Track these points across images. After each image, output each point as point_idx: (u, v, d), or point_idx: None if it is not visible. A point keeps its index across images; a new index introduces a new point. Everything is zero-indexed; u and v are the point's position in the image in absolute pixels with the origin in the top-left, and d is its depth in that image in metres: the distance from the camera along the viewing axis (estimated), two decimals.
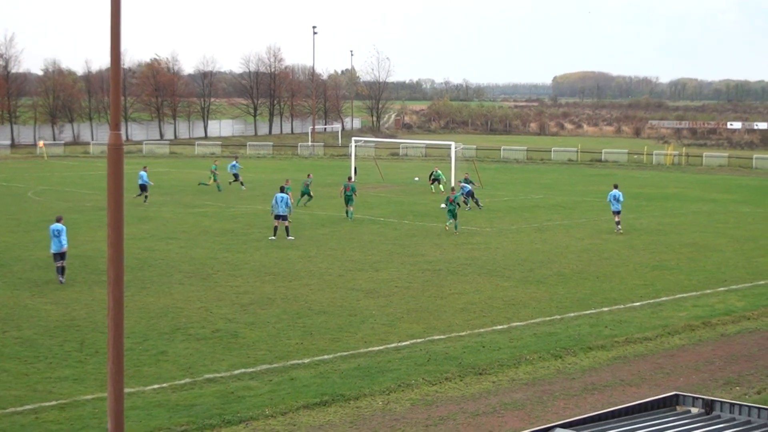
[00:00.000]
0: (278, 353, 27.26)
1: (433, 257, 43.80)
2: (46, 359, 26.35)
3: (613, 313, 33.22)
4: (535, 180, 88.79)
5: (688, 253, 46.12)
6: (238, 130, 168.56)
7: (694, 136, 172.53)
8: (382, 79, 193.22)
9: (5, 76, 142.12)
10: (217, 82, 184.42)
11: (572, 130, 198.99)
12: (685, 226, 55.93)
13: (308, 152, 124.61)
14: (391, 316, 32.10)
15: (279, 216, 48.51)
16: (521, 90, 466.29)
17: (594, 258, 44.31)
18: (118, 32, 16.84)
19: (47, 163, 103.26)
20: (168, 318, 31.33)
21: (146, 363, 26.06)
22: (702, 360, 27.54)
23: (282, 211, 48.38)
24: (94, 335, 28.76)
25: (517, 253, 45.46)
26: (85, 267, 40.06)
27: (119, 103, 17.06)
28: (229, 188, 73.67)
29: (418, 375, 25.29)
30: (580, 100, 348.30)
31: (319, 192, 67.62)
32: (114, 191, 16.57)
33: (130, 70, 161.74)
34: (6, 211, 59.23)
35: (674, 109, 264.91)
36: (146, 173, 66.08)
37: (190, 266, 40.71)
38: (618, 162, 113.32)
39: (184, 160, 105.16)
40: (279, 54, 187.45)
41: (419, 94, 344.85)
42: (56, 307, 32.70)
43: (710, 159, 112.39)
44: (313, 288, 36.43)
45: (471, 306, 33.75)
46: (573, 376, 25.68)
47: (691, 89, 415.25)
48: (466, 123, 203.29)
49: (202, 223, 54.35)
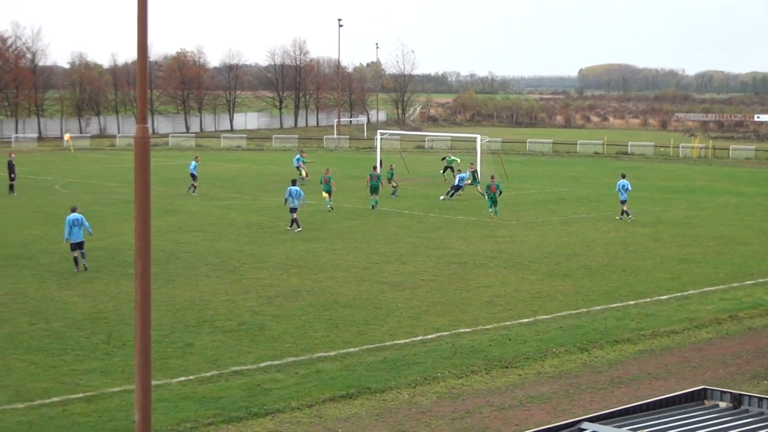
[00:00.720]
0: (304, 346, 27.30)
1: (459, 250, 43.76)
2: (73, 351, 26.47)
3: (640, 306, 33.12)
4: (560, 173, 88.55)
5: (715, 246, 45.94)
6: (263, 123, 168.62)
7: (720, 129, 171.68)
8: (408, 72, 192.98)
9: (32, 70, 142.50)
10: (243, 75, 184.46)
11: (598, 122, 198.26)
12: (712, 219, 55.71)
13: (334, 145, 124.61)
14: (417, 309, 32.10)
15: (294, 209, 49.02)
16: (547, 82, 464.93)
17: (620, 251, 44.19)
18: (145, 25, 16.87)
19: (74, 156, 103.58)
20: (194, 310, 31.41)
21: (173, 355, 26.14)
22: (729, 353, 27.44)
23: (296, 204, 48.95)
24: (121, 328, 28.85)
25: (543, 246, 45.37)
26: (112, 259, 40.20)
27: (146, 96, 17.09)
28: (251, 182, 73.79)
29: (444, 368, 25.29)
30: (606, 93, 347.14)
31: (344, 185, 67.60)
32: (141, 184, 16.61)
33: (156, 63, 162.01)
34: (33, 203, 59.47)
35: (701, 101, 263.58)
36: (197, 163, 66.48)
37: (217, 259, 40.79)
38: (644, 155, 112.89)
39: (210, 152, 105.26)
40: (304, 47, 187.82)
41: (445, 86, 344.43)
42: (84, 299, 32.83)
43: (737, 152, 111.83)
44: (339, 281, 36.45)
45: (497, 299, 33.72)
46: (599, 370, 25.64)
47: (717, 82, 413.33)
48: (492, 116, 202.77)
49: (227, 215, 54.44)
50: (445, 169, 78.08)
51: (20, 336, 28.04)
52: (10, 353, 26.25)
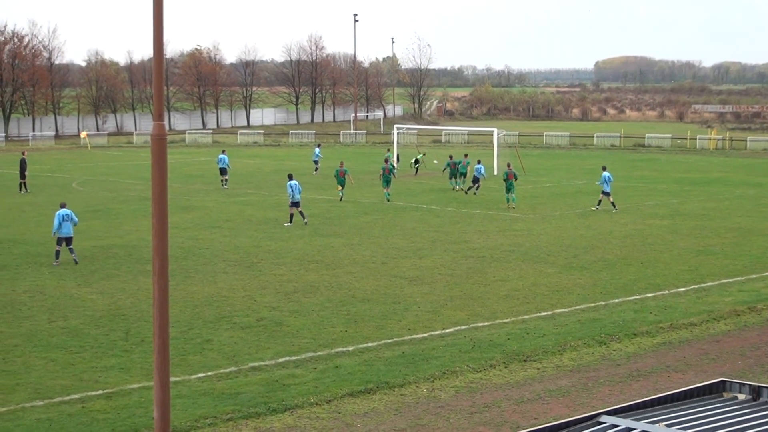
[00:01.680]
0: (323, 341, 27.32)
1: (476, 244, 43.75)
2: (92, 348, 26.54)
3: (658, 298, 33.06)
4: (578, 166, 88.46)
5: (732, 238, 45.83)
6: (280, 119, 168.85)
7: (737, 120, 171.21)
8: (424, 66, 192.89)
9: (49, 68, 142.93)
10: (259, 71, 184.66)
11: (615, 115, 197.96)
12: (729, 211, 55.57)
13: (351, 140, 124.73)
14: (435, 303, 32.10)
15: (294, 203, 49.37)
16: (563, 75, 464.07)
17: (638, 243, 44.11)
18: (161, 22, 16.89)
19: (91, 154, 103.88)
20: (213, 307, 31.47)
21: (191, 352, 26.19)
22: (748, 345, 27.37)
23: (297, 198, 49.33)
24: (140, 324, 28.92)
25: (560, 239, 45.33)
26: (129, 257, 40.29)
27: (162, 93, 17.12)
28: (268, 178, 73.93)
29: (462, 362, 25.28)
30: (622, 85, 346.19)
31: (361, 180, 67.64)
32: (158, 181, 16.64)
33: (172, 60, 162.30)
34: (51, 201, 59.50)
35: (718, 93, 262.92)
36: (227, 157, 66.79)
37: (234, 255, 40.85)
38: (661, 147, 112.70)
39: (227, 149, 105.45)
40: (320, 42, 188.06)
41: (461, 80, 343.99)
42: (102, 296, 32.92)
43: (755, 143, 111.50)
44: (356, 276, 36.48)
45: (515, 293, 33.70)
46: (618, 363, 25.60)
47: (734, 73, 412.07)
48: (508, 109, 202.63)
49: (245, 211, 54.52)
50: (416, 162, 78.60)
51: (39, 333, 28.13)
52: (30, 351, 26.34)
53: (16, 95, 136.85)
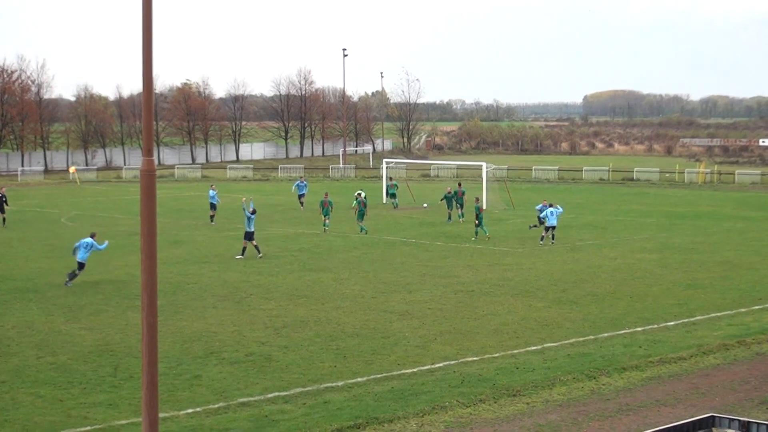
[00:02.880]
0: (312, 376, 27.26)
1: (465, 278, 43.75)
2: (80, 384, 26.44)
3: (647, 332, 33.07)
4: (566, 199, 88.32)
5: (721, 272, 45.90)
6: (269, 153, 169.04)
7: (726, 154, 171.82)
8: (413, 101, 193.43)
9: (37, 102, 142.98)
10: (248, 106, 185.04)
11: (603, 149, 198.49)
12: (718, 245, 55.67)
13: (340, 174, 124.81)
14: (425, 337, 32.07)
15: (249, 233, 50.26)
16: (552, 109, 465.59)
17: (627, 277, 44.16)
18: (150, 57, 16.95)
19: (80, 189, 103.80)
20: (202, 342, 31.40)
21: (180, 387, 26.12)
22: (737, 379, 27.37)
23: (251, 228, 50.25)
24: (129, 360, 28.84)
25: (549, 273, 45.35)
26: (118, 292, 40.21)
27: (152, 129, 17.16)
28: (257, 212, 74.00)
29: (451, 397, 25.24)
30: (610, 119, 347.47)
31: (350, 215, 67.61)
32: (147, 217, 16.66)
33: (161, 95, 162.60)
34: (39, 236, 59.55)
35: (706, 126, 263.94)
36: (215, 192, 66.59)
37: (223, 290, 40.80)
38: (650, 180, 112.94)
39: (217, 183, 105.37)
40: (309, 76, 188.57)
41: (450, 114, 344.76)
42: (90, 332, 32.83)
43: (743, 176, 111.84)
44: (345, 310, 36.44)
45: (504, 327, 33.68)
46: (607, 397, 25.58)
47: (722, 107, 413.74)
48: (497, 143, 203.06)
49: (234, 246, 54.40)
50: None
51: (27, 369, 28.04)
52: (17, 387, 26.24)
53: (5, 130, 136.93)
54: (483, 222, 57.83)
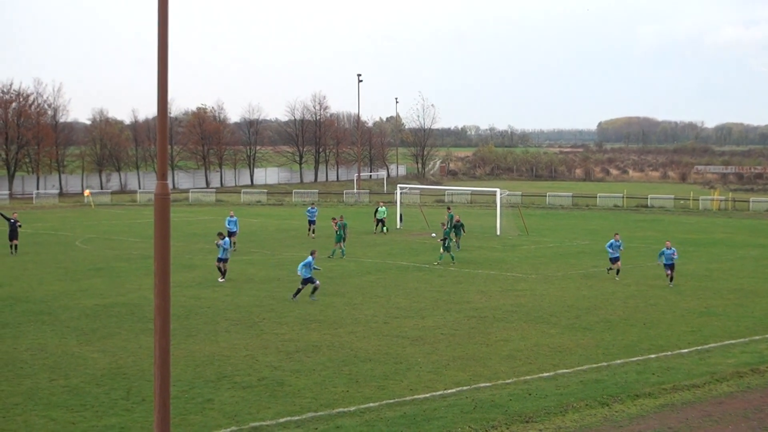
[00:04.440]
0: (324, 401, 27.22)
1: (478, 304, 43.70)
2: (92, 408, 26.44)
3: (661, 360, 32.97)
4: (580, 226, 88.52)
5: (735, 299, 45.79)
6: (283, 178, 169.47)
7: (740, 181, 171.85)
8: (427, 126, 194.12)
9: (53, 126, 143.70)
10: (263, 130, 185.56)
11: (618, 175, 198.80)
12: (732, 272, 55.56)
13: (354, 200, 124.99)
14: (437, 363, 32.01)
15: (222, 259, 50.77)
16: (566, 136, 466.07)
17: (640, 304, 44.07)
18: (166, 82, 17.03)
19: (94, 212, 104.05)
20: (214, 366, 31.39)
21: (192, 411, 26.09)
22: (751, 408, 27.25)
23: (224, 255, 50.76)
24: (141, 383, 28.84)
25: (563, 299, 45.29)
26: (132, 315, 40.24)
27: (166, 152, 17.23)
28: (271, 237, 74.00)
29: (464, 423, 25.16)
30: (625, 146, 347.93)
31: (363, 240, 67.64)
32: (160, 241, 16.70)
33: (176, 119, 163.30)
34: (54, 259, 59.68)
35: (720, 153, 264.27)
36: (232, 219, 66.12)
37: (236, 314, 40.80)
38: (664, 207, 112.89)
39: (230, 208, 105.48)
40: (324, 102, 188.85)
41: (464, 140, 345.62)
42: (103, 355, 32.85)
43: (757, 204, 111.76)
44: (358, 335, 36.40)
45: (517, 353, 33.61)
46: (620, 424, 25.49)
47: (737, 134, 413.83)
48: (512, 169, 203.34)
49: (247, 270, 54.49)
50: (378, 223, 78.37)
51: (40, 392, 28.05)
52: (30, 409, 26.25)
53: (21, 153, 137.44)
54: (450, 245, 59.17)
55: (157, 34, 17.19)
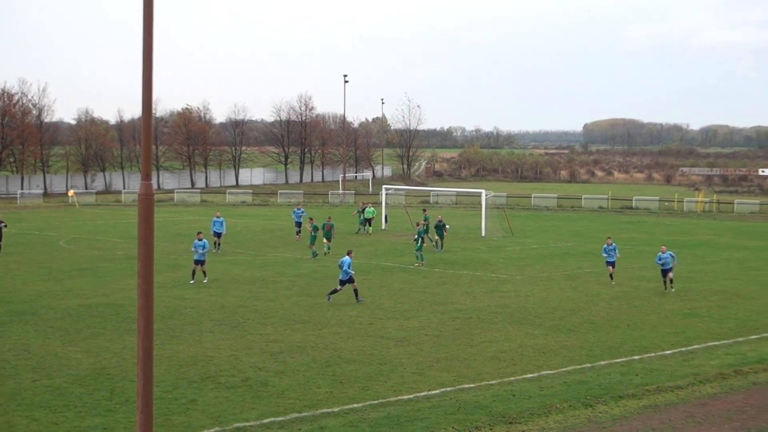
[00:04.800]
0: (308, 402, 27.21)
1: (463, 305, 43.73)
2: (75, 408, 26.38)
3: (644, 361, 33.03)
4: (565, 227, 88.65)
5: (719, 301, 45.90)
6: (269, 179, 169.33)
7: (725, 183, 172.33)
8: (413, 127, 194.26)
9: (38, 126, 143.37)
10: (249, 131, 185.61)
11: (603, 177, 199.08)
12: (716, 274, 55.71)
13: (339, 200, 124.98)
14: (421, 364, 32.02)
15: (199, 261, 50.19)
16: (552, 137, 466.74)
17: (624, 306, 44.15)
18: (150, 81, 17.01)
19: (79, 212, 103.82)
20: (198, 366, 31.35)
21: (176, 412, 26.05)
22: (734, 409, 27.32)
23: (201, 257, 50.12)
24: (125, 384, 28.79)
25: (547, 300, 45.34)
26: (116, 315, 40.17)
27: (150, 153, 17.20)
28: (256, 237, 73.96)
29: (448, 424, 25.17)
30: (610, 147, 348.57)
31: (348, 241, 67.61)
32: (144, 241, 16.68)
33: (162, 119, 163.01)
34: (38, 259, 59.54)
35: (705, 156, 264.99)
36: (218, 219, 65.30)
37: (221, 314, 40.75)
38: (649, 209, 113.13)
39: (216, 208, 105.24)
40: (310, 102, 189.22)
41: (450, 141, 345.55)
42: (87, 355, 32.78)
43: (742, 206, 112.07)
44: (342, 336, 36.39)
45: (501, 354, 33.64)
46: (603, 426, 25.52)
47: (722, 136, 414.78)
48: (497, 170, 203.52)
49: (232, 271, 54.45)
50: (366, 222, 78.50)
51: (23, 392, 27.97)
52: (13, 410, 26.17)
53: (5, 153, 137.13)
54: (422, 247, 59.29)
55: (142, 34, 17.17)
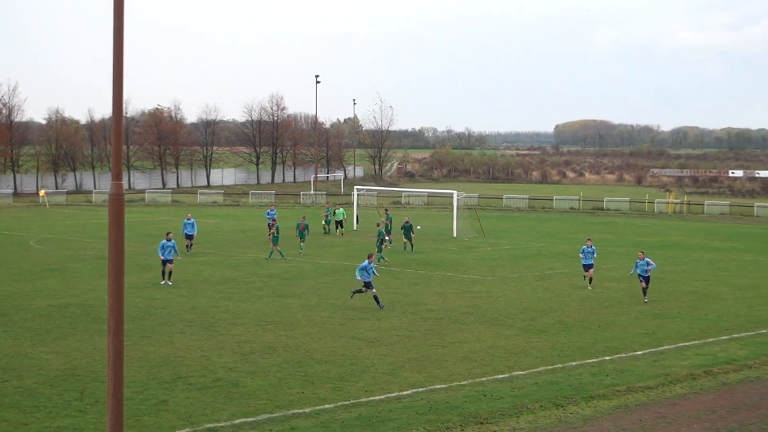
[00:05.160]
0: (279, 402, 27.16)
1: (434, 306, 43.75)
2: (46, 409, 26.26)
3: (615, 361, 33.13)
4: (536, 228, 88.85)
5: (689, 302, 46.09)
6: (240, 179, 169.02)
7: (695, 185, 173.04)
8: (385, 128, 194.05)
9: (8, 125, 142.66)
10: (220, 131, 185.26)
11: (574, 178, 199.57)
12: (686, 275, 55.92)
13: (311, 201, 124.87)
14: (393, 365, 32.02)
15: (167, 260, 49.90)
16: (523, 138, 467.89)
17: (595, 306, 44.27)
18: (121, 81, 16.94)
19: (49, 212, 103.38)
20: (169, 367, 31.26)
21: (146, 412, 25.96)
22: (704, 409, 27.43)
23: (169, 255, 50.03)
24: (95, 385, 28.67)
25: (518, 301, 45.41)
26: (86, 316, 40.01)
27: (121, 153, 17.14)
28: (227, 237, 73.83)
29: (419, 424, 25.17)
30: (581, 149, 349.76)
31: (319, 241, 67.57)
32: (115, 241, 16.61)
33: (133, 119, 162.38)
34: (8, 260, 59.25)
35: (676, 157, 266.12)
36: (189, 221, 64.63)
37: (192, 315, 40.65)
38: (620, 210, 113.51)
39: (187, 208, 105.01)
40: (282, 103, 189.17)
41: (421, 142, 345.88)
42: (57, 356, 32.64)
43: (712, 207, 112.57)
44: (314, 337, 36.35)
45: (472, 355, 33.67)
46: (574, 426, 25.58)
47: (692, 137, 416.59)
48: (469, 171, 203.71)
49: (203, 271, 54.34)
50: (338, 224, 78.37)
51: None
52: None
53: None
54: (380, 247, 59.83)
55: (113, 33, 17.10)
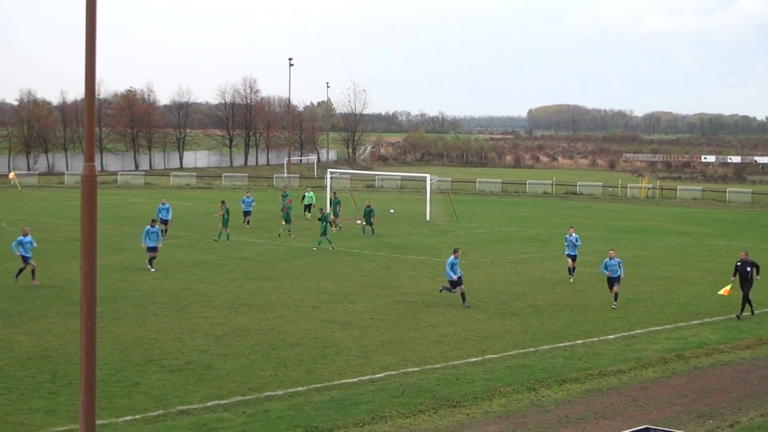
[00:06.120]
0: (252, 385, 27.16)
1: (407, 289, 43.79)
2: (17, 390, 26.18)
3: (587, 345, 33.25)
4: (510, 212, 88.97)
5: (661, 286, 46.28)
6: (213, 162, 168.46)
7: (668, 170, 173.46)
8: (358, 111, 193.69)
9: None
10: (193, 113, 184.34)
11: (547, 162, 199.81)
12: (659, 259, 56.13)
13: (284, 184, 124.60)
14: (366, 348, 32.05)
15: (152, 248, 49.23)
16: (497, 123, 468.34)
17: (568, 290, 44.40)
18: (93, 63, 16.84)
19: (21, 194, 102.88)
20: (141, 349, 31.20)
21: (119, 394, 25.92)
22: (675, 393, 27.57)
23: (153, 243, 49.23)
24: (67, 366, 28.60)
25: (491, 285, 45.50)
26: (58, 297, 39.88)
27: (93, 134, 17.05)
28: (200, 220, 73.70)
29: (392, 407, 25.22)
30: (555, 133, 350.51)
31: (294, 224, 67.42)
32: (87, 223, 16.54)
33: (105, 101, 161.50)
34: None
35: (649, 142, 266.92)
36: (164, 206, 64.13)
37: (165, 297, 40.57)
38: (593, 195, 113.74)
39: (160, 190, 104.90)
40: (255, 85, 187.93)
41: (395, 126, 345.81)
42: (29, 338, 32.52)
43: (684, 192, 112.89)
44: (287, 320, 36.35)
45: (445, 338, 33.73)
46: (547, 409, 25.67)
47: (665, 123, 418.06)
48: (442, 155, 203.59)
49: (176, 254, 54.20)
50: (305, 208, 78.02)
51: None
52: None
53: None
54: (327, 231, 58.80)
55: (86, 14, 17.00)
